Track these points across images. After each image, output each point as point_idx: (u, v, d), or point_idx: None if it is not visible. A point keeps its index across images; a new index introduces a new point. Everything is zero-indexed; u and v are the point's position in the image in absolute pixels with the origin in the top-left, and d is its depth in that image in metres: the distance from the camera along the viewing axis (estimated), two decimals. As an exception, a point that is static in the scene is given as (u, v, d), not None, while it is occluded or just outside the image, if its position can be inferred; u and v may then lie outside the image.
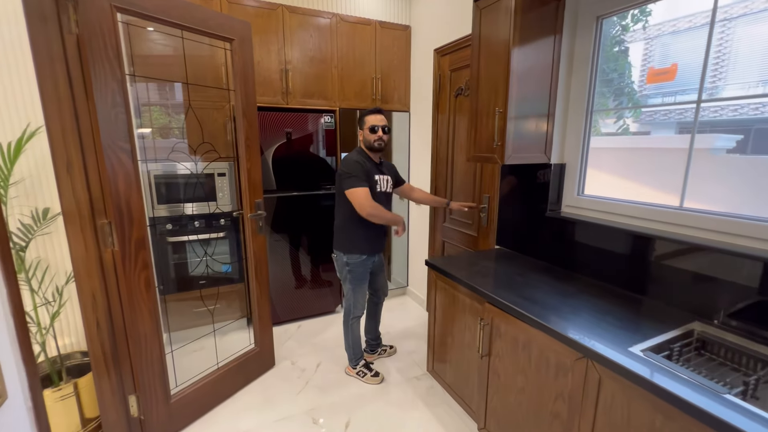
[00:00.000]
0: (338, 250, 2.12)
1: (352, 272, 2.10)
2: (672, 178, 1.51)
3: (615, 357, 1.07)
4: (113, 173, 1.43)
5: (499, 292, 1.53)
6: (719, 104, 1.40)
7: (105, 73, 1.37)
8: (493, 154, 1.75)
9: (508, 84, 1.63)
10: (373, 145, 2.02)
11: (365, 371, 2.23)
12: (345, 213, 2.05)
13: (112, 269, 1.50)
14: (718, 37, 1.35)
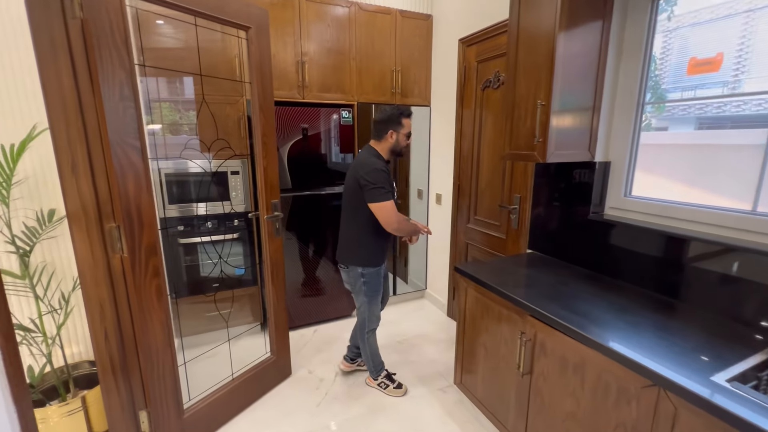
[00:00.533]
0: (353, 264, 1.92)
1: (367, 284, 1.94)
2: (740, 178, 1.34)
3: (696, 388, 0.92)
4: (122, 173, 1.31)
5: (543, 304, 1.38)
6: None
7: (112, 62, 1.25)
8: (533, 151, 1.59)
9: (552, 74, 1.47)
10: (401, 150, 1.89)
11: (387, 383, 2.10)
12: (362, 225, 1.86)
13: (121, 277, 1.38)
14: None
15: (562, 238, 1.87)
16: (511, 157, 1.72)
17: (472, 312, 1.77)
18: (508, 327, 1.55)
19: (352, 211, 1.87)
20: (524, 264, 1.86)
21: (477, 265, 1.84)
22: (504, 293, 1.51)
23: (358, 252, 1.91)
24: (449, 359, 2.38)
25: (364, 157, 1.83)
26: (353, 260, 1.92)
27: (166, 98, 2.19)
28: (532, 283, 1.62)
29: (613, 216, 1.69)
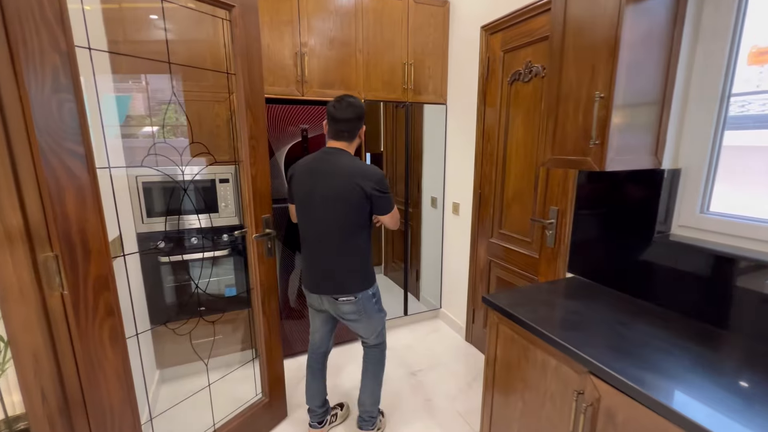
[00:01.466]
0: (363, 289, 1.59)
1: (378, 299, 1.68)
2: None
3: None
4: (58, 188, 1.01)
5: (608, 359, 1.04)
6: None
7: (40, 42, 0.94)
8: (586, 156, 1.26)
9: (616, 57, 1.13)
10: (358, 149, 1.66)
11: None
12: (365, 240, 1.57)
13: (63, 319, 1.08)
14: None
15: (615, 263, 1.52)
16: (555, 163, 1.39)
17: (506, 355, 1.44)
18: (556, 382, 1.21)
19: (355, 230, 1.53)
20: (568, 293, 1.52)
21: (510, 295, 1.50)
22: (553, 339, 1.18)
23: (367, 272, 1.61)
24: (472, 399, 2.04)
25: (359, 165, 1.51)
26: (363, 285, 1.59)
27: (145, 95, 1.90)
28: (584, 322, 1.27)
29: (683, 237, 1.35)
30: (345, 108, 1.49)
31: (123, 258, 1.46)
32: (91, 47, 1.12)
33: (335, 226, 1.51)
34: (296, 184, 1.55)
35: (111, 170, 1.31)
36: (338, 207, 1.49)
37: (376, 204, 1.50)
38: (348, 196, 1.47)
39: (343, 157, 1.50)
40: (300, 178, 1.54)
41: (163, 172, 1.76)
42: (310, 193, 1.50)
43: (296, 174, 1.55)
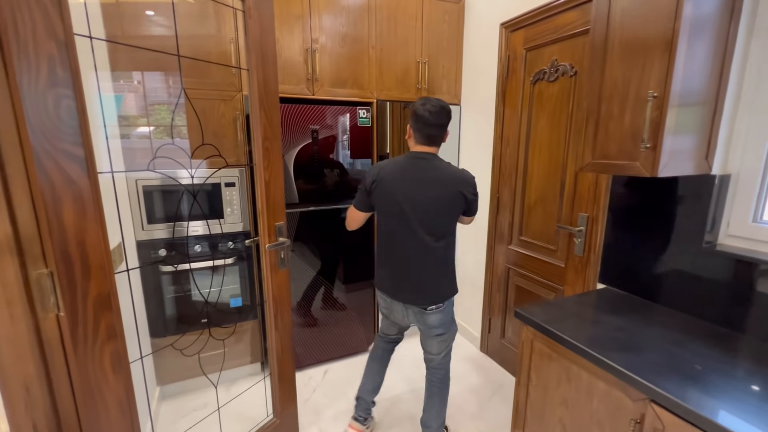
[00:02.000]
0: (451, 295, 1.56)
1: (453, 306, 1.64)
2: None
3: None
4: (53, 196, 0.88)
5: (673, 387, 0.94)
6: None
7: (33, 27, 0.82)
8: (634, 161, 1.16)
9: (673, 53, 1.04)
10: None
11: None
12: (454, 249, 1.58)
13: (59, 344, 0.95)
14: None
15: (656, 274, 1.42)
16: (596, 168, 1.29)
17: (543, 375, 1.33)
18: (605, 408, 1.11)
19: (450, 237, 1.50)
20: (607, 307, 1.42)
21: (545, 309, 1.40)
22: (604, 362, 1.07)
23: (454, 278, 1.58)
24: (495, 417, 1.93)
25: (455, 170, 1.46)
26: (450, 290, 1.55)
27: (154, 96, 1.77)
28: (634, 341, 1.17)
29: (734, 248, 1.25)
30: (439, 112, 1.41)
31: (127, 273, 1.33)
32: (93, 36, 0.99)
33: (432, 234, 1.44)
34: (384, 193, 1.45)
35: (114, 175, 1.18)
36: (439, 215, 1.44)
37: (470, 207, 1.49)
38: (451, 205, 1.43)
39: (440, 163, 1.45)
40: (390, 186, 1.44)
41: (170, 176, 1.64)
42: (404, 201, 1.42)
43: (384, 181, 1.45)
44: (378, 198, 1.48)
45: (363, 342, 2.47)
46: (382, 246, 1.56)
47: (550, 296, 1.94)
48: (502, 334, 2.31)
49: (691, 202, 1.31)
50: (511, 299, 2.22)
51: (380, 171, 1.47)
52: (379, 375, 1.78)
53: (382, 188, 1.45)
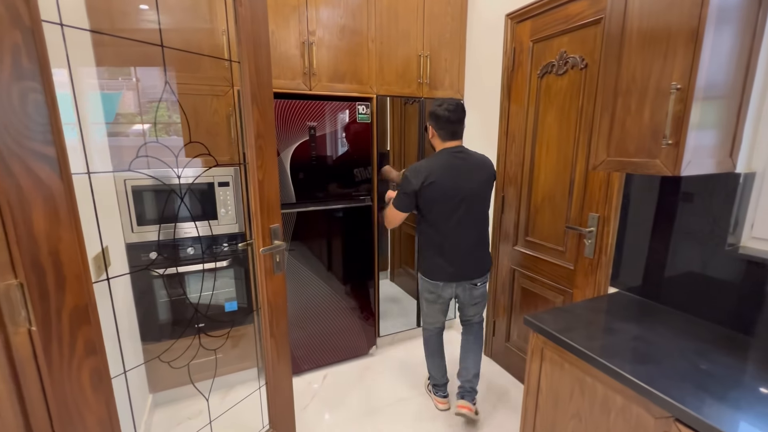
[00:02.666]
0: (491, 267, 1.83)
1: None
2: None
3: None
4: (21, 199, 0.80)
5: (701, 405, 0.86)
6: None
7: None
8: (654, 158, 1.08)
9: (699, 42, 0.95)
10: None
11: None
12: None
13: (31, 361, 0.87)
14: None
15: (673, 278, 1.35)
16: (612, 166, 1.20)
17: (554, 386, 1.25)
18: (623, 423, 1.03)
19: (485, 215, 1.74)
20: (621, 313, 1.34)
21: (556, 316, 1.32)
22: (623, 376, 0.99)
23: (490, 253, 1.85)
24: (500, 425, 1.86)
25: (481, 155, 1.72)
26: (491, 263, 1.82)
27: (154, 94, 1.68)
28: (654, 351, 1.09)
29: (758, 251, 1.17)
30: (455, 109, 1.62)
31: (107, 281, 1.25)
32: (64, 24, 0.91)
33: (481, 217, 1.71)
34: (439, 189, 1.60)
35: (91, 176, 1.09)
36: (485, 196, 1.70)
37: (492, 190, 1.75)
38: (489, 185, 1.70)
39: (472, 153, 1.68)
40: (446, 182, 1.60)
41: (152, 176, 1.55)
42: (460, 191, 1.61)
43: (438, 180, 1.59)
44: (431, 196, 1.61)
45: (363, 345, 2.40)
46: (435, 238, 1.68)
47: (557, 299, 1.87)
48: (507, 338, 2.24)
49: (712, 202, 1.23)
50: (516, 301, 2.15)
51: (429, 173, 1.59)
52: (444, 361, 1.97)
53: (437, 186, 1.59)
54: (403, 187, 1.64)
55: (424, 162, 1.65)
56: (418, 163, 1.66)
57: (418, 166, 1.64)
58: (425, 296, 1.81)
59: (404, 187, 1.64)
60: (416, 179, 1.60)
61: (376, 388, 2.11)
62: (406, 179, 1.63)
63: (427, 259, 1.73)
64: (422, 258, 1.76)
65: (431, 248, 1.70)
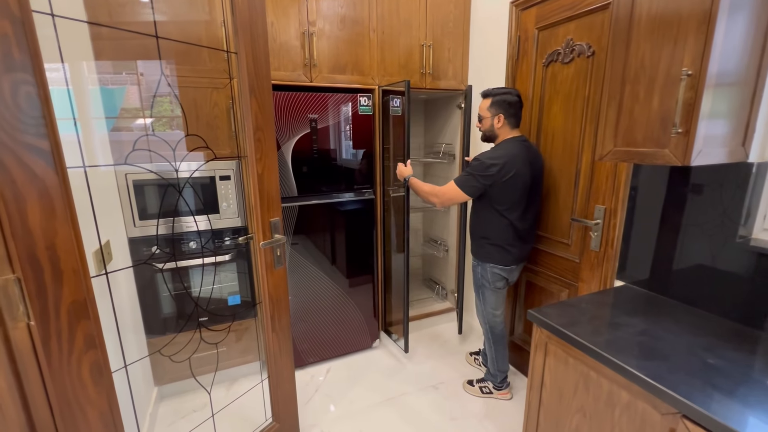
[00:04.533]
0: None
1: None
2: None
3: None
4: (15, 194, 0.79)
5: (709, 401, 0.84)
6: None
7: (-19, 2, 0.72)
8: (663, 148, 1.04)
9: (712, 24, 0.91)
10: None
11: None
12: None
13: (31, 355, 0.87)
14: None
15: (682, 271, 1.32)
16: (619, 157, 1.17)
17: (558, 381, 1.24)
18: (628, 420, 1.01)
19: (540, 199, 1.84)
20: (627, 307, 1.32)
21: (560, 310, 1.30)
22: (629, 371, 0.97)
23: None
24: (504, 418, 1.85)
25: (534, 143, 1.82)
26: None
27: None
28: (660, 346, 1.07)
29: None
30: (521, 99, 1.68)
31: (106, 276, 1.25)
32: (55, 14, 0.89)
33: (539, 201, 1.81)
34: (518, 179, 1.62)
35: (91, 170, 1.08)
36: (541, 184, 1.78)
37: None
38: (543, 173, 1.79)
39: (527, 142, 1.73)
40: (524, 174, 1.63)
41: (151, 170, 1.54)
42: (534, 179, 1.68)
43: (518, 170, 1.61)
44: (511, 186, 1.62)
45: (366, 339, 2.40)
46: (507, 225, 1.69)
47: (562, 293, 1.84)
48: (511, 331, 2.22)
49: (723, 193, 1.19)
50: (520, 295, 2.12)
51: (510, 164, 1.59)
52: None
53: (517, 177, 1.61)
54: (476, 171, 1.62)
55: (501, 152, 1.63)
56: (494, 152, 1.65)
57: (495, 155, 1.62)
58: (495, 285, 1.80)
59: (479, 173, 1.62)
60: (497, 170, 1.59)
61: (380, 382, 2.11)
62: (482, 166, 1.61)
63: (498, 246, 1.72)
64: (491, 246, 1.74)
65: (503, 234, 1.71)
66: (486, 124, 1.70)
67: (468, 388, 2.03)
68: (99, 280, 1.21)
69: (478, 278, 1.83)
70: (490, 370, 1.98)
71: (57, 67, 1.09)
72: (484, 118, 1.70)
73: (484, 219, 1.74)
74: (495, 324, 1.89)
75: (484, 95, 1.70)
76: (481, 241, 1.77)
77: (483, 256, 1.77)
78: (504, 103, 1.64)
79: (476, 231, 1.80)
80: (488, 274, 1.78)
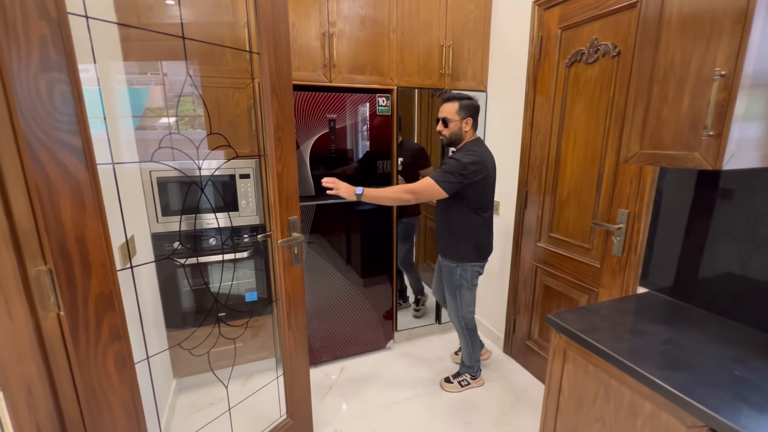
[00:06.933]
0: None
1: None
2: None
3: None
4: (49, 188, 0.82)
5: (738, 415, 0.81)
6: None
7: (23, 5, 0.75)
8: (693, 151, 1.01)
9: (748, 23, 0.88)
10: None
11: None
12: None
13: (60, 344, 0.91)
14: None
15: (710, 279, 1.27)
16: (645, 159, 1.14)
17: (577, 388, 1.21)
18: (651, 430, 0.98)
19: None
20: (651, 315, 1.28)
21: (580, 316, 1.27)
22: (653, 381, 0.94)
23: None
24: (518, 424, 1.82)
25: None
26: None
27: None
28: (686, 356, 1.03)
29: (808, 251, 1.08)
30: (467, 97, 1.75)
31: (131, 270, 1.29)
32: (89, 16, 0.92)
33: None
34: (491, 179, 1.76)
35: (118, 167, 1.12)
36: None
37: None
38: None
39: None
40: (491, 170, 1.76)
41: (175, 167, 1.58)
42: (494, 179, 1.80)
43: (489, 170, 1.74)
44: (486, 185, 1.72)
45: (380, 339, 2.40)
46: (481, 223, 1.78)
47: (582, 298, 1.80)
48: (528, 336, 2.19)
49: (755, 199, 1.14)
50: (538, 299, 2.09)
51: (481, 162, 1.67)
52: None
53: (489, 176, 1.73)
54: (455, 169, 1.64)
55: (476, 152, 1.69)
56: (469, 153, 1.68)
57: (471, 155, 1.67)
58: (473, 282, 1.86)
59: (458, 172, 1.63)
60: (473, 167, 1.64)
61: (393, 382, 2.11)
62: (460, 164, 1.63)
63: (476, 244, 1.80)
64: (468, 245, 1.79)
65: (479, 232, 1.79)
66: (454, 127, 1.73)
67: (447, 386, 2.06)
68: (123, 274, 1.25)
69: (456, 279, 1.85)
70: (466, 362, 2.05)
71: (88, 68, 1.13)
72: (452, 121, 1.72)
73: (458, 219, 1.77)
74: (470, 319, 1.95)
75: (449, 99, 1.73)
76: (455, 241, 1.81)
77: (461, 257, 1.81)
78: (471, 107, 1.71)
79: (449, 232, 1.82)
80: (468, 273, 1.83)
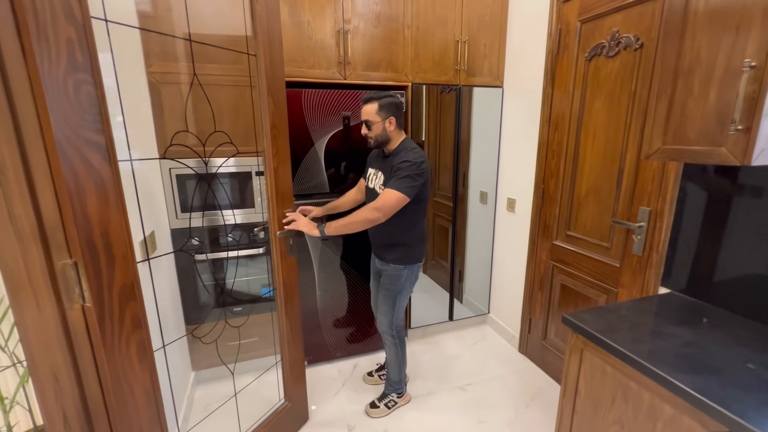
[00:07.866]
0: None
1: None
2: None
3: None
4: (77, 184, 0.86)
5: (764, 420, 0.78)
6: None
7: (52, 10, 0.78)
8: (719, 146, 0.97)
9: (780, 10, 0.83)
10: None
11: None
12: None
13: (85, 334, 0.95)
14: None
15: (736, 280, 1.22)
16: (669, 155, 1.10)
17: (594, 389, 1.18)
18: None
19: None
20: (673, 316, 1.24)
21: (598, 316, 1.24)
22: (675, 385, 0.91)
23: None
24: (532, 423, 1.80)
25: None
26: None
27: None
28: (709, 359, 1.00)
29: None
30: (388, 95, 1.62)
31: (148, 263, 1.33)
32: (108, 20, 0.95)
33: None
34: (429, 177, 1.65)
35: (137, 163, 1.16)
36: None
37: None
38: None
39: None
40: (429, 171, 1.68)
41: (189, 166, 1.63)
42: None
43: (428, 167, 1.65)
44: (427, 181, 1.62)
45: (394, 336, 2.40)
46: (423, 224, 1.73)
47: (600, 298, 1.76)
48: (544, 336, 2.15)
49: (787, 197, 1.09)
50: (554, 298, 2.05)
51: (425, 160, 1.59)
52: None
53: (428, 174, 1.63)
54: (412, 171, 1.54)
55: (417, 150, 1.60)
56: (412, 152, 1.58)
57: (417, 154, 1.58)
58: (413, 284, 1.77)
59: (415, 173, 1.54)
60: (426, 167, 1.58)
61: (407, 379, 2.11)
62: (415, 165, 1.54)
63: (420, 243, 1.73)
64: (414, 245, 1.70)
65: (421, 230, 1.73)
66: (377, 129, 1.60)
67: (373, 412, 1.86)
68: (143, 267, 1.30)
69: (401, 284, 1.71)
70: (393, 378, 1.88)
71: (110, 67, 1.16)
72: (374, 123, 1.59)
73: (411, 220, 1.65)
74: (401, 328, 1.83)
75: (368, 100, 1.60)
76: (408, 243, 1.69)
77: (410, 259, 1.69)
78: (392, 105, 1.59)
79: (396, 236, 1.68)
80: (413, 275, 1.73)
